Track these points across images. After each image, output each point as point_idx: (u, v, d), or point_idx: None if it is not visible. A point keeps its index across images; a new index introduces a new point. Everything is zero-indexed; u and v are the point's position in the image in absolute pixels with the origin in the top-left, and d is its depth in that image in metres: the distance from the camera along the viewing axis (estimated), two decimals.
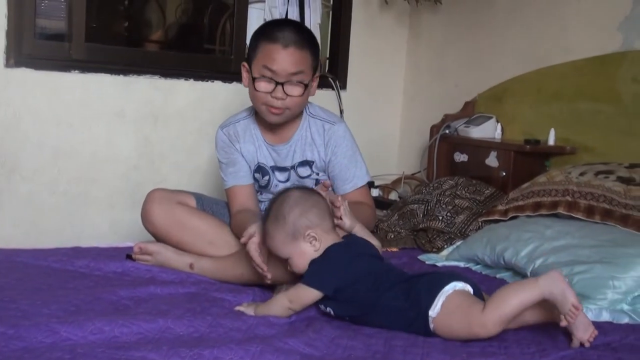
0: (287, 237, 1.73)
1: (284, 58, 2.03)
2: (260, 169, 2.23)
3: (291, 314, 1.70)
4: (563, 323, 1.55)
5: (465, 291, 1.66)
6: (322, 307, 1.74)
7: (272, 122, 2.13)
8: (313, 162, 2.19)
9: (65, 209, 2.95)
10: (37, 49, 2.83)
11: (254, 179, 2.24)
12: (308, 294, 1.68)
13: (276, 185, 2.22)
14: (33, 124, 2.85)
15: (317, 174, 2.21)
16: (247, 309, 1.74)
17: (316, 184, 2.19)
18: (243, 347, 1.44)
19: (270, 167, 2.22)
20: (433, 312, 1.63)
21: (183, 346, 1.44)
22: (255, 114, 2.24)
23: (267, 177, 2.22)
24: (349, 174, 2.18)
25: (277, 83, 2.05)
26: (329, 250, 1.73)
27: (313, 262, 1.72)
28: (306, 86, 2.08)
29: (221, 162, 2.26)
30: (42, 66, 2.83)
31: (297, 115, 2.19)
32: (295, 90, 2.07)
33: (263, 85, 2.06)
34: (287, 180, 2.22)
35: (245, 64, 2.17)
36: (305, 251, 1.74)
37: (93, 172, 3.00)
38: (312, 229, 1.73)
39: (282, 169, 2.22)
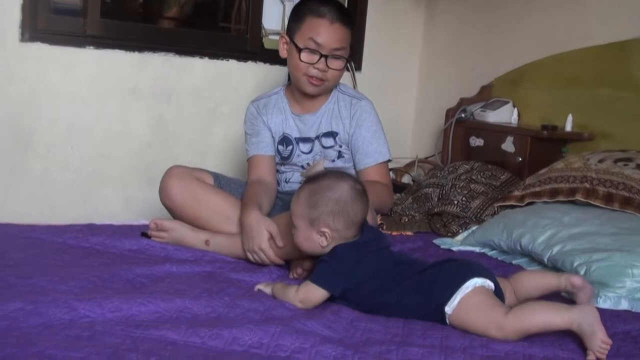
0: (305, 216, 1.71)
1: (330, 33, 2.13)
2: (284, 140, 2.27)
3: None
4: (590, 357, 1.47)
5: (486, 289, 1.61)
6: (336, 302, 1.69)
7: (310, 93, 2.20)
8: (337, 133, 2.23)
9: (79, 186, 2.94)
10: (53, 24, 2.81)
11: (278, 151, 2.29)
12: (316, 293, 1.64)
13: (298, 156, 2.26)
14: (47, 100, 2.83)
15: (340, 146, 2.24)
16: (266, 288, 1.73)
17: (338, 156, 2.24)
18: (262, 328, 1.43)
19: (295, 138, 2.26)
20: (449, 308, 1.59)
21: (201, 326, 1.43)
22: (286, 88, 2.30)
23: (290, 148, 2.26)
24: (371, 149, 2.21)
25: (321, 55, 2.13)
26: (336, 249, 1.68)
27: (321, 261, 1.68)
28: (346, 61, 2.19)
29: (247, 134, 2.33)
30: (57, 41, 2.81)
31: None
32: (336, 64, 2.17)
33: (307, 56, 2.14)
34: (310, 151, 2.26)
35: (284, 35, 2.23)
36: (312, 239, 1.71)
37: (106, 149, 2.98)
38: (330, 230, 1.68)
39: (306, 140, 2.26)
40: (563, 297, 1.81)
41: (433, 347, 1.47)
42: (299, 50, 2.14)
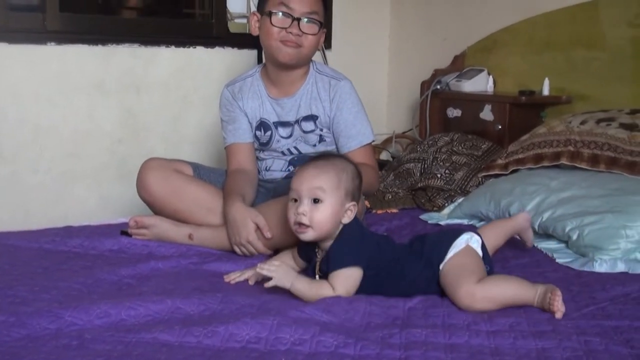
0: (340, 188, 1.60)
1: None
2: (262, 125, 2.19)
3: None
4: (557, 315, 1.48)
5: (476, 252, 1.63)
6: None
7: (285, 61, 2.09)
8: (317, 116, 2.15)
9: (51, 188, 2.85)
10: (10, 21, 2.70)
11: (255, 137, 2.20)
12: (354, 275, 1.57)
13: (278, 141, 2.18)
14: (10, 101, 2.74)
15: (321, 130, 2.16)
16: (284, 282, 1.55)
17: (320, 141, 2.17)
18: (259, 321, 1.37)
19: (273, 122, 2.18)
20: (442, 265, 1.61)
21: (195, 324, 1.37)
22: (262, 70, 2.21)
23: (269, 133, 2.18)
24: (354, 131, 2.14)
25: (293, 18, 2.05)
26: (346, 227, 1.62)
27: (338, 245, 1.60)
28: (320, 26, 2.09)
29: (223, 120, 2.24)
30: (16, 39, 2.71)
31: (304, 70, 2.16)
32: (310, 28, 2.08)
33: (279, 20, 2.06)
34: (290, 135, 2.18)
35: (255, 13, 2.17)
36: (338, 213, 1.60)
37: (76, 147, 2.90)
38: (354, 206, 1.63)
39: (285, 124, 2.17)
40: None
41: (435, 326, 1.43)
42: (270, 15, 2.06)
